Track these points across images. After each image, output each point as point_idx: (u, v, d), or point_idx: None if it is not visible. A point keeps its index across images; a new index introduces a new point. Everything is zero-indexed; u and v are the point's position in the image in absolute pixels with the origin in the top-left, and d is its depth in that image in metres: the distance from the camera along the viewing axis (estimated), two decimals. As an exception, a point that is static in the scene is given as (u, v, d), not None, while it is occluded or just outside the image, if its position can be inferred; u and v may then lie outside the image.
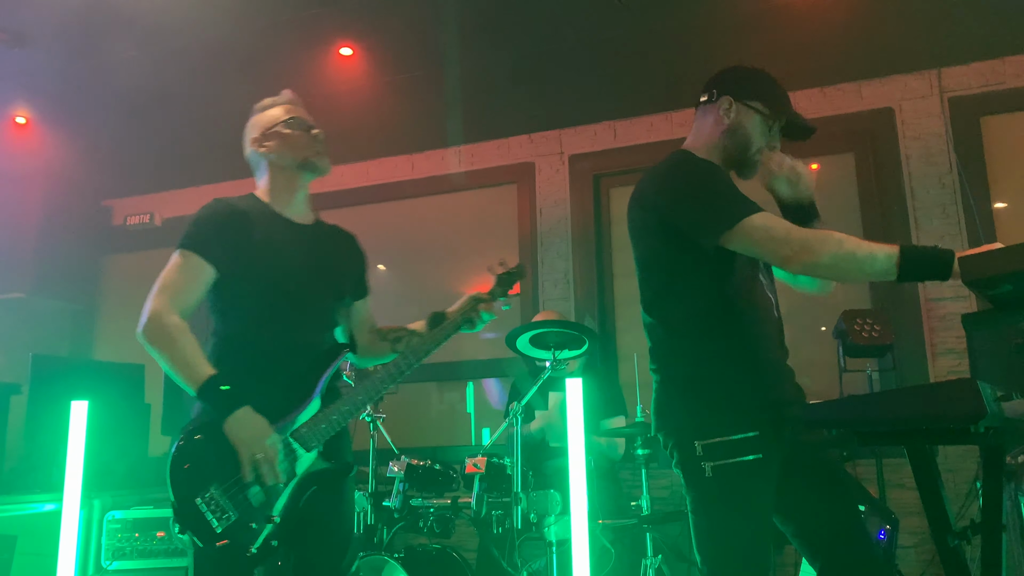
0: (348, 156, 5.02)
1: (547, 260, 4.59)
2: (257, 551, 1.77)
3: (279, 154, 2.07)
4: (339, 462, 1.96)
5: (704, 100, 1.97)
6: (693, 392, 1.80)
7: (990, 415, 1.41)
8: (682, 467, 1.79)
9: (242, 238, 1.94)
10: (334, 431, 1.93)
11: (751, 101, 1.90)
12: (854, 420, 1.62)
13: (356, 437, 4.16)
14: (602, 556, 3.13)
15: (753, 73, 1.97)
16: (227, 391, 1.81)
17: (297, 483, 1.86)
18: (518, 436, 2.94)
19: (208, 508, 1.77)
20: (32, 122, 4.32)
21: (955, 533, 1.59)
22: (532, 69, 3.98)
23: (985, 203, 3.86)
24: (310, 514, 1.89)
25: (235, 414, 1.79)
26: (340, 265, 2.14)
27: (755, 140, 1.90)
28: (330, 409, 1.93)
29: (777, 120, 1.91)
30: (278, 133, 2.08)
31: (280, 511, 1.82)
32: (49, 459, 3.54)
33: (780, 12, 3.47)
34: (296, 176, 2.08)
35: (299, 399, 1.92)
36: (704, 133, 1.95)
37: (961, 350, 3.74)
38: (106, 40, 3.56)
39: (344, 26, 3.55)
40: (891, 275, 1.60)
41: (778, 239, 1.70)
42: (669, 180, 1.87)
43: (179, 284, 1.90)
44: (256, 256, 1.94)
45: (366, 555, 2.99)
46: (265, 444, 1.79)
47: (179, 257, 1.92)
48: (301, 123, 2.10)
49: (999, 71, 3.92)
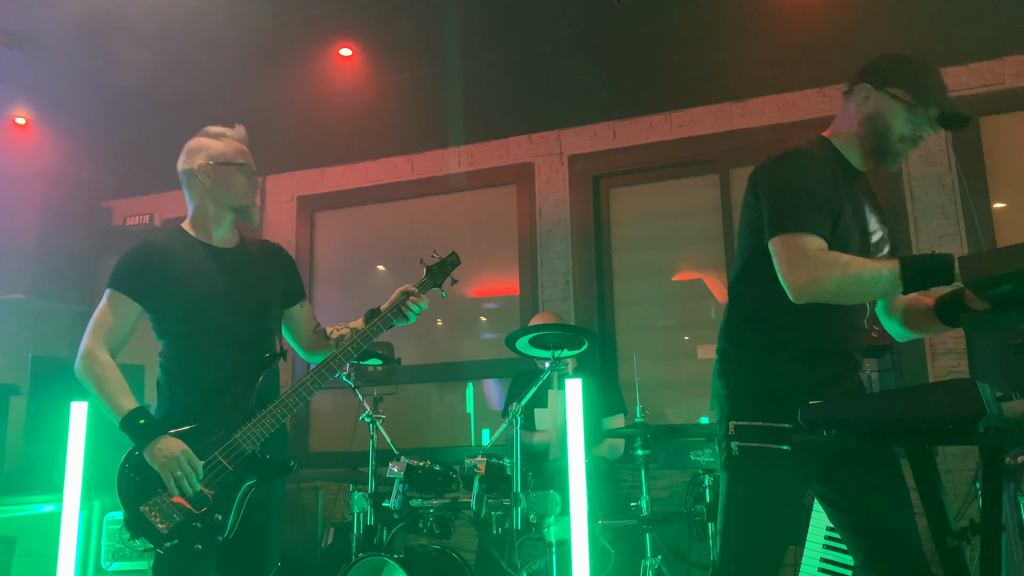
0: (348, 157, 5.03)
1: (547, 261, 4.59)
2: (203, 547, 2.00)
3: (220, 192, 2.20)
4: (276, 457, 2.14)
5: (847, 89, 1.93)
6: (746, 376, 1.85)
7: (990, 415, 1.41)
8: (718, 444, 1.86)
9: (163, 272, 2.13)
10: (268, 432, 2.09)
11: (891, 88, 1.83)
12: (854, 420, 1.62)
13: (356, 438, 4.19)
14: (602, 557, 3.13)
15: (899, 59, 1.89)
16: (143, 424, 2.03)
17: (236, 481, 2.06)
18: (518, 437, 2.94)
19: (152, 514, 2.00)
20: (32, 123, 4.32)
21: (954, 533, 1.58)
22: (531, 70, 3.98)
23: (984, 203, 3.87)
24: (250, 508, 2.09)
25: (151, 445, 2.01)
26: (263, 279, 2.26)
27: (896, 129, 1.83)
28: (264, 413, 2.10)
29: (923, 108, 1.82)
30: (226, 172, 2.19)
31: (223, 510, 2.04)
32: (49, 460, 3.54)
33: (780, 13, 3.47)
34: (226, 213, 2.23)
35: (234, 410, 2.10)
36: (845, 121, 1.92)
37: (961, 350, 3.74)
38: (106, 41, 3.56)
39: (344, 27, 3.55)
40: (898, 288, 1.63)
41: (789, 266, 1.70)
42: (774, 165, 1.84)
43: (107, 322, 2.12)
44: (177, 287, 2.12)
45: (366, 556, 2.99)
46: (181, 463, 2.00)
47: (107, 297, 2.14)
48: (249, 171, 2.22)
49: (998, 71, 3.92)
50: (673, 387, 4.40)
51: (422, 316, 2.34)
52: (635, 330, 4.48)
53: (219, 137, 2.25)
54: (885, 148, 1.85)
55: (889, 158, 1.86)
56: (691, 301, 4.47)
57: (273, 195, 5.22)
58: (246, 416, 2.09)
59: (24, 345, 4.75)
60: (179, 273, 2.13)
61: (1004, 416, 1.49)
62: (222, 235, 2.24)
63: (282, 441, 2.22)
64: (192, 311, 2.13)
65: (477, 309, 4.87)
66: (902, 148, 1.84)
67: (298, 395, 2.12)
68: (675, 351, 4.44)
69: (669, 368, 4.44)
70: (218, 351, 2.13)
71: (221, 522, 2.03)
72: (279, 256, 2.38)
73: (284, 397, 2.12)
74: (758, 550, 1.77)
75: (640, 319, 4.47)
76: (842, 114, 1.93)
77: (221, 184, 2.19)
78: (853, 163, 1.91)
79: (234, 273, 2.20)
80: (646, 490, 3.14)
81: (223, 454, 2.05)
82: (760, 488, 1.77)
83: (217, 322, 2.13)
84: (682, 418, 4.25)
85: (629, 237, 4.59)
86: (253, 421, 2.08)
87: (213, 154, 2.20)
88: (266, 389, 2.17)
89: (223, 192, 2.20)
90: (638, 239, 4.59)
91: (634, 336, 4.47)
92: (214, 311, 2.14)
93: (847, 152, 1.90)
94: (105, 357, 2.10)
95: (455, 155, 4.88)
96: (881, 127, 1.84)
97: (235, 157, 2.21)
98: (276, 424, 2.10)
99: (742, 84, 4.14)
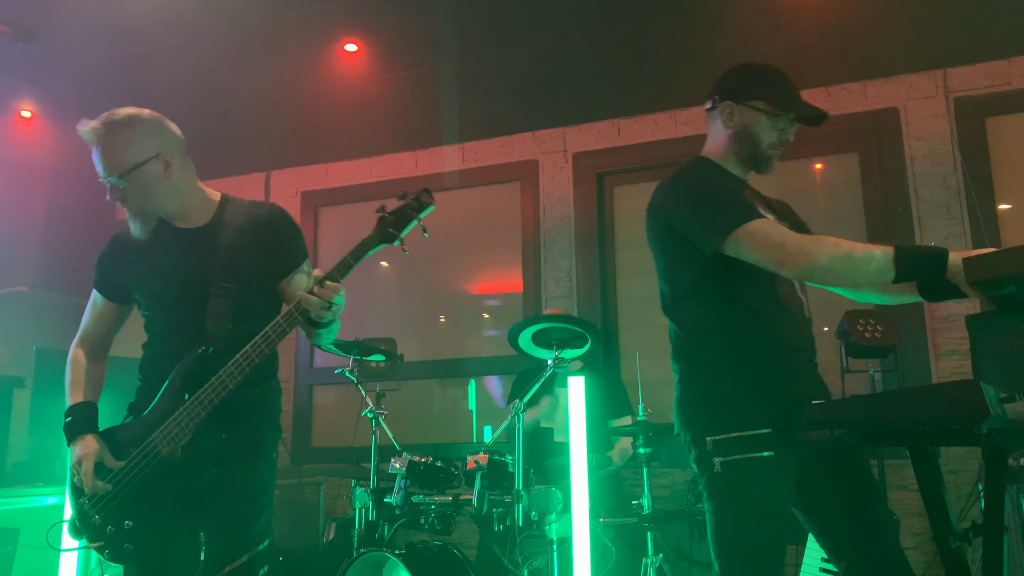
0: (352, 152, 5.03)
1: (550, 258, 4.59)
2: (110, 553, 1.93)
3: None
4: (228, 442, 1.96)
5: (709, 107, 2.00)
6: (707, 389, 1.83)
7: (993, 417, 1.41)
8: (696, 463, 1.83)
9: (123, 262, 2.09)
10: (186, 432, 1.90)
11: (752, 101, 1.91)
12: (856, 421, 1.62)
13: (359, 433, 4.19)
14: (603, 554, 3.13)
15: (752, 71, 1.96)
16: (68, 423, 2.02)
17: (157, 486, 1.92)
18: (519, 434, 2.94)
19: (79, 513, 1.97)
20: (37, 116, 4.33)
21: (957, 535, 1.58)
22: (537, 67, 3.98)
23: (989, 204, 3.85)
24: (195, 511, 1.96)
25: (71, 444, 1.98)
26: (234, 257, 2.02)
27: (764, 138, 1.92)
28: (180, 410, 1.92)
29: (784, 114, 1.91)
30: (175, 172, 2.02)
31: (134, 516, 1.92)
32: (52, 453, 3.56)
33: (785, 11, 3.47)
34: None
35: (169, 403, 1.94)
36: (716, 138, 1.99)
37: (964, 351, 3.73)
38: (111, 35, 3.56)
39: (349, 22, 3.55)
40: (889, 274, 1.62)
41: (774, 244, 1.71)
42: (673, 187, 1.90)
43: (85, 319, 2.19)
44: (134, 276, 2.08)
45: (367, 551, 3.00)
46: (76, 467, 1.94)
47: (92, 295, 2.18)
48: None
49: (1005, 72, 3.91)
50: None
51: (423, 313, 2.13)
52: (638, 328, 4.48)
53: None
54: (758, 156, 1.95)
55: (763, 164, 1.96)
56: (694, 300, 4.45)
57: (277, 190, 5.22)
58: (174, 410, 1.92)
59: (28, 338, 4.76)
60: (137, 262, 2.06)
61: (1007, 418, 1.48)
62: (187, 218, 2.07)
63: (252, 433, 2.03)
64: (151, 304, 2.07)
65: (480, 306, 4.87)
66: (773, 153, 1.95)
67: (214, 391, 1.89)
68: (677, 350, 4.43)
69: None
70: (163, 339, 2.04)
71: (129, 529, 1.91)
72: (264, 225, 2.08)
73: (201, 392, 1.90)
74: (765, 562, 1.74)
75: (643, 317, 4.47)
76: (710, 133, 2.01)
77: (174, 177, 2.04)
78: (735, 173, 1.98)
79: (193, 256, 2.02)
80: (648, 488, 3.14)
81: (139, 456, 1.92)
82: (752, 499, 1.73)
83: (165, 308, 2.04)
84: (684, 416, 4.24)
85: (633, 235, 4.58)
86: (171, 419, 1.91)
87: (174, 142, 2.08)
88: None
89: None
90: (642, 237, 4.50)
91: (637, 334, 4.46)
92: (168, 302, 2.03)
93: (727, 166, 1.97)
94: (76, 353, 2.14)
95: (459, 151, 4.88)
96: (751, 139, 1.94)
97: (178, 159, 2.04)
98: (192, 422, 1.89)
99: (747, 82, 4.13)
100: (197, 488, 1.95)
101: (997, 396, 1.47)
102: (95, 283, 2.17)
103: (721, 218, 1.77)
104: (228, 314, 1.98)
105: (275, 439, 2.12)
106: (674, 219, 1.87)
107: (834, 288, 1.93)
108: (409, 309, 4.92)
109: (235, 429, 1.99)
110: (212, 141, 4.49)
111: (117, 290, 2.13)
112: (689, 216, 1.84)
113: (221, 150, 4.76)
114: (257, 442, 2.05)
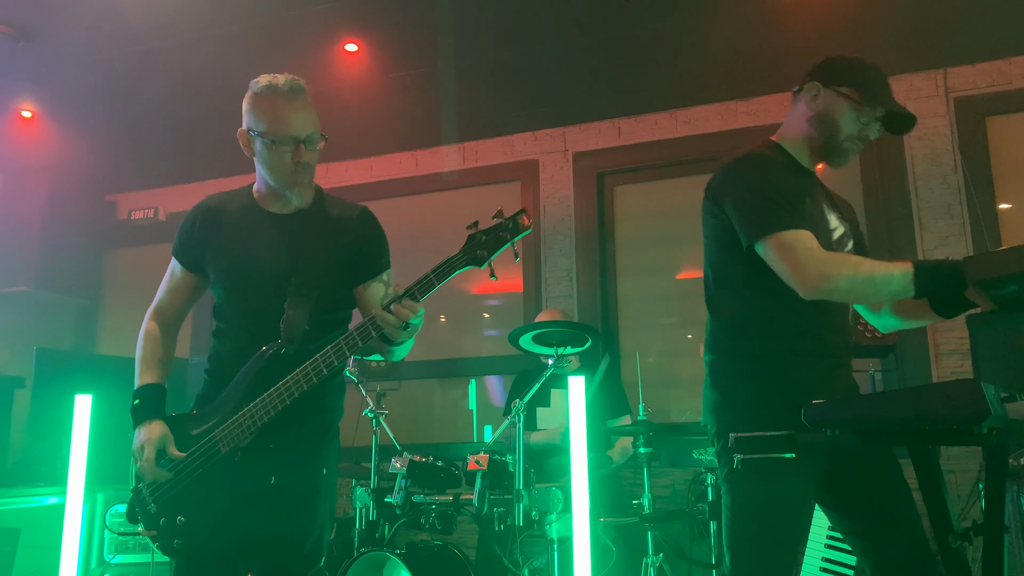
0: (352, 152, 5.02)
1: (550, 258, 4.59)
2: (160, 545, 1.87)
3: (258, 164, 1.95)
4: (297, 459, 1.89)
5: (797, 88, 1.95)
6: (739, 386, 1.82)
7: (994, 416, 1.41)
8: (718, 456, 1.83)
9: (207, 234, 1.98)
10: (247, 434, 1.83)
11: (840, 87, 1.86)
12: (857, 420, 1.62)
13: (359, 433, 4.19)
14: (603, 554, 3.13)
15: (849, 60, 1.91)
16: (136, 405, 1.92)
17: (213, 483, 1.84)
18: (520, 433, 2.94)
19: (138, 499, 1.91)
20: (37, 116, 4.33)
21: (957, 534, 1.58)
22: (537, 66, 3.97)
23: (990, 204, 3.85)
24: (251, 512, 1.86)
25: (137, 428, 1.90)
26: (318, 253, 1.93)
27: (844, 128, 1.86)
28: (243, 412, 1.84)
29: (871, 108, 1.85)
30: (258, 145, 1.90)
31: (188, 512, 1.86)
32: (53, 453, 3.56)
33: (785, 11, 3.47)
34: (276, 188, 1.96)
35: (239, 398, 1.86)
36: (794, 121, 1.95)
37: (965, 351, 3.73)
38: (111, 35, 3.56)
39: (349, 22, 3.55)
40: (909, 291, 1.63)
41: (796, 263, 1.70)
42: (731, 173, 1.86)
43: (162, 289, 2.06)
44: (217, 252, 1.96)
45: (368, 551, 3.00)
46: (138, 454, 1.87)
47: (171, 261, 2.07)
48: (287, 143, 1.87)
49: (1005, 71, 3.91)
50: (676, 385, 4.40)
51: (424, 312, 1.86)
52: (638, 328, 4.48)
53: (261, 94, 1.93)
54: (833, 146, 1.89)
55: (837, 156, 1.90)
56: (694, 299, 4.41)
57: (277, 190, 5.22)
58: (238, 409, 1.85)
59: (29, 338, 4.76)
60: (223, 238, 1.95)
61: (1008, 417, 1.48)
62: (282, 203, 1.98)
63: (310, 442, 1.93)
64: (226, 282, 1.95)
65: (480, 306, 4.87)
66: (850, 147, 1.89)
67: (279, 396, 1.81)
68: (678, 349, 4.43)
69: (672, 366, 4.44)
70: (236, 330, 1.94)
71: (181, 526, 1.84)
72: (353, 226, 2.00)
73: (266, 395, 1.82)
74: (774, 561, 1.74)
75: (643, 317, 4.47)
76: (791, 115, 1.97)
77: (261, 160, 1.92)
78: (804, 163, 1.93)
79: (278, 244, 1.92)
80: (648, 488, 3.13)
81: (199, 451, 1.85)
82: (768, 499, 1.73)
83: (247, 297, 1.92)
84: (684, 416, 4.24)
85: (633, 235, 4.58)
86: (233, 419, 1.84)
87: (250, 119, 1.92)
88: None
89: (267, 170, 1.92)
90: (642, 237, 4.59)
91: (637, 334, 4.46)
92: (245, 284, 1.92)
93: (797, 154, 1.93)
94: (149, 326, 2.02)
95: (459, 151, 4.87)
96: (830, 125, 1.88)
97: (271, 128, 1.86)
98: (255, 425, 1.82)
99: (748, 82, 4.13)
100: (252, 494, 1.85)
101: (998, 395, 1.47)
102: (174, 250, 2.04)
103: (762, 217, 1.75)
104: (305, 315, 1.88)
105: (332, 452, 2.01)
106: (726, 204, 1.83)
107: (854, 305, 1.93)
108: (409, 309, 4.91)
109: (292, 437, 1.88)
110: (212, 141, 4.48)
111: (189, 258, 2.01)
112: (737, 205, 1.80)
113: (221, 150, 4.75)
114: (313, 452, 1.95)
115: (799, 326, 1.81)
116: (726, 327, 1.88)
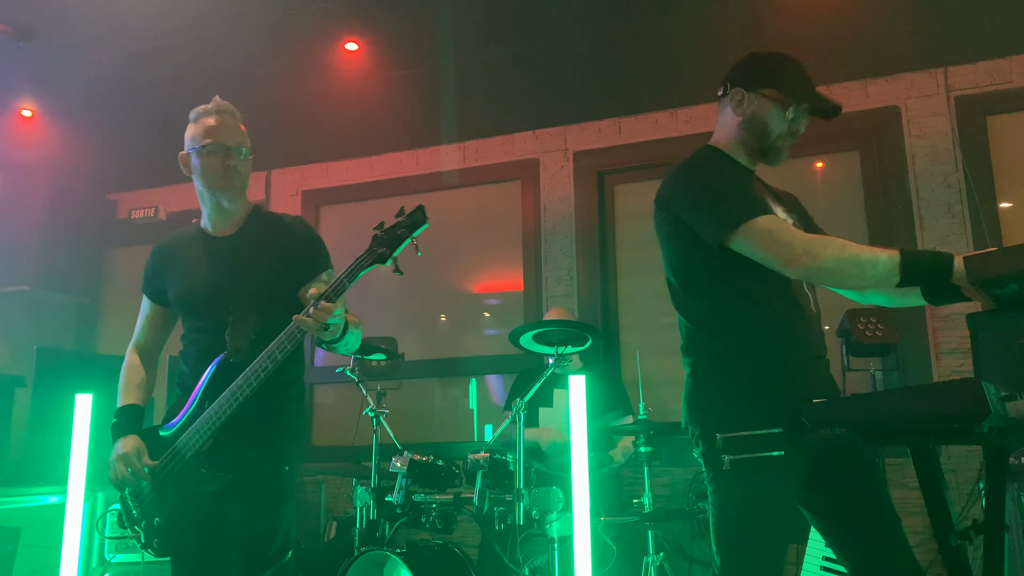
0: (353, 151, 5.02)
1: (551, 257, 4.59)
2: (143, 545, 2.07)
3: (199, 179, 2.14)
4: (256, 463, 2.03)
5: (720, 94, 1.97)
6: (718, 385, 1.83)
7: (994, 415, 1.41)
8: (704, 458, 1.82)
9: (164, 269, 2.21)
10: (204, 438, 2.01)
11: (763, 89, 1.89)
12: (857, 419, 1.62)
13: (360, 432, 4.20)
14: (604, 553, 3.13)
15: (766, 59, 1.93)
16: (113, 424, 2.14)
17: (181, 487, 2.03)
18: (520, 433, 2.94)
19: (123, 505, 2.13)
20: (38, 115, 4.33)
21: (957, 533, 1.58)
22: (538, 65, 3.97)
23: (991, 203, 3.85)
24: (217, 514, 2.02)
25: (116, 443, 2.10)
26: (258, 267, 2.09)
27: (773, 128, 1.89)
28: (202, 417, 2.02)
29: (795, 104, 1.88)
30: (198, 158, 2.11)
31: (162, 514, 2.05)
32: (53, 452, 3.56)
33: (786, 9, 3.46)
34: (211, 198, 2.15)
35: (198, 408, 2.05)
36: (725, 127, 1.96)
37: (965, 350, 3.73)
38: (112, 34, 3.56)
39: (349, 21, 3.55)
40: (894, 278, 1.61)
41: (780, 243, 1.70)
42: (682, 178, 1.88)
43: (138, 324, 2.30)
44: (172, 283, 2.19)
45: (368, 550, 3.00)
46: (112, 465, 2.08)
47: None
48: (217, 149, 2.08)
49: (1006, 70, 3.91)
50: (676, 384, 4.32)
51: (424, 312, 2.17)
52: (639, 326, 4.47)
53: (195, 120, 2.15)
54: (768, 146, 1.92)
55: (773, 155, 1.93)
56: (695, 298, 4.44)
57: (277, 189, 5.22)
58: (196, 416, 2.04)
59: (29, 337, 4.77)
60: (175, 269, 2.19)
61: (1008, 416, 1.48)
62: (221, 222, 2.17)
63: (270, 442, 2.07)
64: (181, 307, 2.18)
65: (481, 305, 4.87)
66: (783, 144, 1.92)
67: (228, 401, 1.98)
68: (678, 348, 4.42)
69: (672, 365, 4.41)
70: (193, 346, 2.15)
71: (159, 527, 2.05)
72: (287, 236, 2.15)
73: (217, 401, 1.99)
74: (766, 561, 1.73)
75: (644, 316, 4.47)
76: (720, 121, 1.99)
77: (196, 172, 2.13)
78: (742, 163, 1.95)
79: (220, 265, 2.12)
80: (648, 487, 3.14)
81: (168, 458, 2.06)
82: (758, 499, 1.73)
83: (199, 317, 2.14)
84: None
85: (633, 233, 4.58)
86: (193, 425, 2.03)
87: (187, 141, 2.15)
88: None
89: (201, 179, 2.13)
90: (642, 235, 4.58)
91: (638, 332, 4.46)
92: (196, 306, 2.14)
93: (734, 155, 1.95)
94: (130, 358, 2.25)
95: (459, 150, 4.87)
96: (760, 127, 1.91)
97: (202, 139, 2.09)
98: (211, 429, 1.99)
99: (748, 81, 4.12)
100: (216, 495, 2.01)
101: (998, 394, 1.47)
102: (143, 287, 2.29)
103: (728, 212, 1.75)
104: (250, 327, 2.05)
105: (293, 450, 2.13)
106: (681, 210, 1.85)
107: (838, 289, 1.92)
108: (410, 308, 4.92)
109: (250, 438, 2.03)
110: (212, 140, 4.48)
111: (155, 292, 2.26)
112: (696, 208, 1.82)
113: (221, 149, 4.76)
114: (272, 452, 2.08)
115: (771, 319, 1.81)
116: (699, 328, 1.90)
